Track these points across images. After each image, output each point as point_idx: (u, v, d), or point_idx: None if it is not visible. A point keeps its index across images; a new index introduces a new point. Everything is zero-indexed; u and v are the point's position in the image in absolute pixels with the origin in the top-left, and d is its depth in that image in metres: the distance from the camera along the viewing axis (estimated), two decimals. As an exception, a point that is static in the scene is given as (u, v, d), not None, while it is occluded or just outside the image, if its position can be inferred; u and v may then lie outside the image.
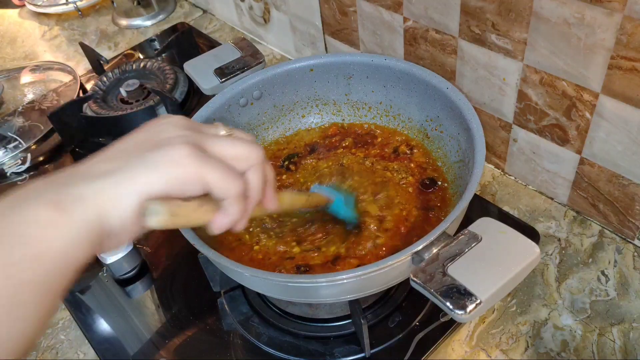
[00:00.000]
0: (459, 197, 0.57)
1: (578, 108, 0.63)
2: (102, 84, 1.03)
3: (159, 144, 0.36)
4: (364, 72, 0.71)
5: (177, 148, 0.35)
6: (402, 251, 0.47)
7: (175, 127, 0.38)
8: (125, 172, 0.34)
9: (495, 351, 0.61)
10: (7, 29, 1.37)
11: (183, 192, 0.35)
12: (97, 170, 0.35)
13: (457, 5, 0.67)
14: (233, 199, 0.37)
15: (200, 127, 0.40)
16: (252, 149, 0.39)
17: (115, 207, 0.33)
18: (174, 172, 0.35)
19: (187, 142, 0.36)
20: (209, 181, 0.35)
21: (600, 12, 0.54)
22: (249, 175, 0.39)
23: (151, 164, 0.35)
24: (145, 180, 0.34)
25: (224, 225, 0.39)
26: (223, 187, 0.36)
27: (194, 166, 0.35)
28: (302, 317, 0.65)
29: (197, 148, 0.36)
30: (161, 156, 0.35)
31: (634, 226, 0.67)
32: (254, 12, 1.10)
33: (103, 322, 0.70)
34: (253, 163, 0.39)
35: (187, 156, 0.35)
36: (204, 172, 0.35)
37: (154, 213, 0.34)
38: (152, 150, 0.35)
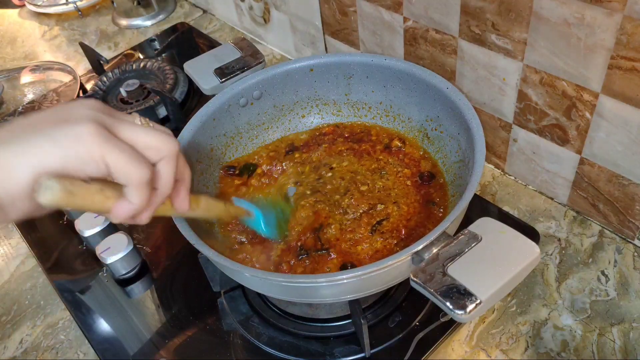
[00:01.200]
0: (459, 197, 0.57)
1: (578, 108, 0.63)
2: (102, 84, 1.03)
3: (64, 120, 0.34)
4: (364, 72, 0.71)
5: (81, 125, 0.33)
6: (402, 251, 0.47)
7: (87, 107, 0.36)
8: (21, 143, 0.33)
9: (495, 351, 0.61)
10: (7, 29, 1.37)
11: (82, 171, 0.33)
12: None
13: (457, 5, 0.67)
14: (135, 186, 0.35)
15: (115, 112, 0.38)
16: (166, 140, 0.38)
17: (5, 178, 0.32)
18: (73, 149, 0.33)
19: (95, 120, 0.34)
20: (109, 163, 0.34)
21: (600, 12, 0.54)
22: (160, 167, 0.38)
23: (51, 138, 0.33)
24: (42, 154, 0.32)
25: (124, 214, 0.37)
26: (125, 171, 0.34)
27: (96, 145, 0.33)
28: (302, 317, 0.65)
29: (104, 128, 0.34)
30: (63, 131, 0.33)
31: (634, 226, 0.67)
32: (254, 12, 1.10)
33: (103, 322, 0.70)
34: (165, 155, 0.38)
35: (90, 134, 0.33)
36: (106, 152, 0.33)
37: (47, 188, 0.32)
38: (56, 125, 0.34)
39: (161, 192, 0.38)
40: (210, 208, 0.52)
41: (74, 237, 0.80)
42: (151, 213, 0.39)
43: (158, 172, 0.38)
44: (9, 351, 0.69)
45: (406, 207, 0.63)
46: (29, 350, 0.69)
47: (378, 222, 0.61)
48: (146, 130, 0.37)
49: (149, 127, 0.38)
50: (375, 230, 0.61)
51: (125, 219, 0.37)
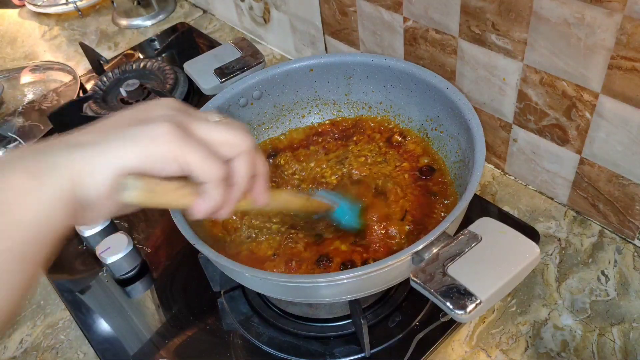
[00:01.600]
0: (459, 197, 0.57)
1: (578, 108, 0.63)
2: (102, 84, 1.03)
3: (143, 120, 0.35)
4: (364, 72, 0.71)
5: (159, 125, 0.35)
6: (402, 251, 0.47)
7: (164, 107, 0.37)
8: (103, 144, 0.34)
9: (495, 351, 0.61)
10: (7, 29, 1.37)
11: (161, 170, 0.35)
12: (77, 140, 0.34)
13: (457, 5, 0.67)
14: (213, 183, 0.36)
15: (192, 111, 0.39)
16: (241, 136, 0.38)
17: (90, 178, 0.33)
18: (152, 149, 0.34)
19: (171, 120, 0.35)
20: (188, 162, 0.35)
21: (600, 12, 0.54)
22: (235, 163, 0.38)
23: (130, 138, 0.34)
24: (123, 154, 0.34)
25: (204, 211, 0.38)
26: (203, 169, 0.35)
27: (174, 144, 0.34)
28: (302, 317, 0.65)
29: (180, 128, 0.35)
30: (142, 132, 0.34)
31: (634, 226, 0.67)
32: (254, 12, 1.10)
33: (103, 322, 0.70)
34: (241, 150, 0.38)
35: (167, 134, 0.34)
36: (183, 151, 0.34)
37: (130, 188, 0.34)
38: (135, 126, 0.35)
39: (238, 187, 0.39)
40: (290, 201, 0.52)
41: (74, 237, 0.80)
42: (231, 208, 0.40)
43: (234, 168, 0.38)
44: (9, 351, 0.69)
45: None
46: (29, 350, 0.69)
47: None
48: (221, 128, 0.38)
49: (224, 124, 0.38)
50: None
51: (206, 215, 0.38)
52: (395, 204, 0.63)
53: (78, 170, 0.33)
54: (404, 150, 0.70)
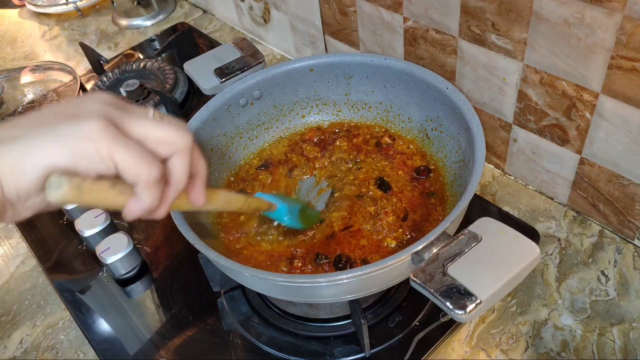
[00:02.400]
0: (459, 197, 0.57)
1: (578, 108, 0.63)
2: (102, 84, 1.03)
3: (73, 115, 0.33)
4: (364, 72, 0.71)
5: (88, 122, 0.32)
6: (402, 251, 0.47)
7: (97, 102, 0.35)
8: (29, 140, 0.32)
9: (495, 351, 0.61)
10: (7, 29, 1.37)
11: (90, 169, 0.33)
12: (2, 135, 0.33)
13: (457, 5, 0.67)
14: (145, 184, 0.34)
15: (127, 106, 0.37)
16: (178, 134, 0.36)
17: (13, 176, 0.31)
18: (81, 147, 0.32)
19: (103, 116, 0.33)
20: (118, 162, 0.33)
21: (600, 12, 0.54)
22: (172, 162, 0.36)
23: (57, 135, 0.32)
24: (49, 151, 0.32)
25: (137, 212, 0.36)
26: (134, 170, 0.33)
27: (104, 143, 0.32)
28: (302, 317, 0.65)
29: (112, 125, 0.33)
30: (70, 128, 0.32)
31: (634, 226, 0.67)
32: (254, 12, 1.10)
33: (103, 322, 0.70)
34: (178, 149, 0.36)
35: (97, 131, 0.32)
36: (114, 151, 0.33)
37: (56, 186, 0.32)
38: (64, 122, 0.33)
39: (174, 187, 0.37)
40: (229, 201, 0.50)
41: (74, 237, 0.80)
42: (166, 208, 0.38)
43: (170, 167, 0.37)
44: (9, 351, 0.69)
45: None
46: (29, 350, 0.69)
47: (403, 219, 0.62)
48: (157, 124, 0.36)
49: (161, 121, 0.36)
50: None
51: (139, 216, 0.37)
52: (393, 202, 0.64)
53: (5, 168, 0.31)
54: (395, 152, 0.71)
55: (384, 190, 0.65)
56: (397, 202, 0.64)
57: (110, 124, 0.33)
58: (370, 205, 0.63)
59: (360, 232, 0.62)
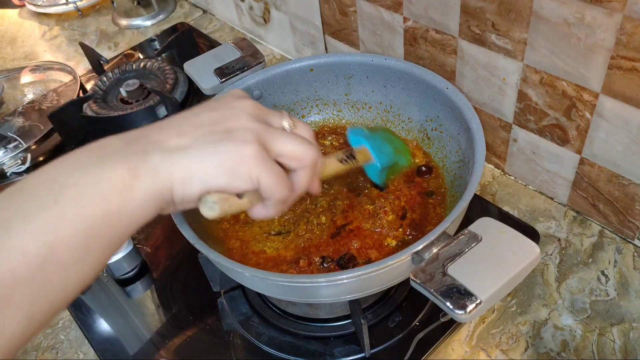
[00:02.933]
0: (459, 197, 0.57)
1: (578, 108, 0.63)
2: (102, 84, 1.03)
3: (230, 131, 0.39)
4: (364, 72, 0.71)
5: (246, 146, 0.38)
6: (402, 251, 0.47)
7: (245, 115, 0.41)
8: (196, 154, 0.37)
9: (495, 351, 0.61)
10: (7, 29, 1.37)
11: (239, 187, 0.39)
12: (170, 144, 0.38)
13: (457, 5, 0.67)
14: (277, 202, 0.41)
15: (267, 116, 0.42)
16: (308, 150, 0.42)
17: (182, 187, 0.37)
18: (238, 170, 0.38)
19: (256, 139, 0.39)
20: (262, 183, 0.39)
21: (600, 12, 0.54)
22: (298, 174, 0.42)
23: (221, 157, 0.37)
24: (213, 171, 0.37)
25: (261, 217, 0.43)
26: (272, 191, 0.39)
27: (255, 168, 0.38)
28: (302, 317, 0.65)
29: (262, 147, 0.39)
30: (231, 150, 0.38)
31: (634, 226, 0.67)
32: (254, 12, 1.10)
33: (103, 322, 0.70)
34: (305, 164, 0.42)
35: (252, 157, 0.38)
36: (261, 175, 0.38)
37: (209, 207, 0.39)
38: (224, 140, 0.38)
39: (295, 194, 0.43)
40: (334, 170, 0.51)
41: (74, 237, 0.80)
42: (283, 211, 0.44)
43: (295, 178, 0.42)
44: (9, 351, 0.69)
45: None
46: (29, 350, 0.69)
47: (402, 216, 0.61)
48: (292, 141, 0.41)
49: (295, 137, 0.42)
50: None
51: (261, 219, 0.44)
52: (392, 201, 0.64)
53: (174, 177, 0.37)
54: None
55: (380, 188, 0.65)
56: (394, 199, 0.64)
57: (262, 148, 0.39)
58: (368, 204, 0.63)
59: (361, 231, 0.62)
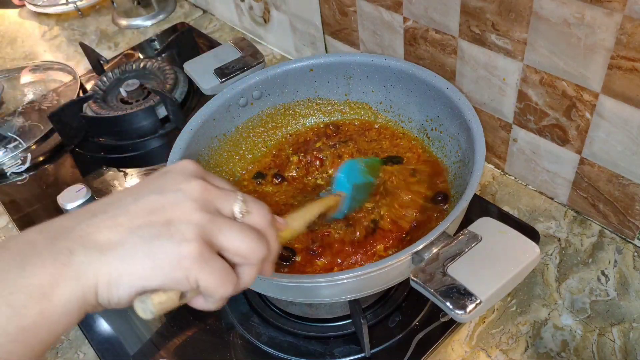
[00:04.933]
0: (459, 197, 0.57)
1: (578, 108, 0.63)
2: (102, 84, 1.03)
3: (169, 224, 0.35)
4: (364, 72, 0.71)
5: (185, 245, 0.34)
6: (402, 251, 0.47)
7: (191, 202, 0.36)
8: (126, 254, 0.34)
9: (495, 351, 0.61)
10: (7, 29, 1.37)
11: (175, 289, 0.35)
12: (99, 239, 0.34)
13: (457, 5, 0.67)
14: (217, 300, 0.37)
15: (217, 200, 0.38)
16: (255, 248, 0.38)
17: (109, 288, 0.34)
18: (174, 274, 0.34)
19: (198, 235, 0.35)
20: (201, 285, 0.35)
21: (600, 12, 0.54)
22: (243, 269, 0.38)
23: (156, 258, 0.34)
24: (145, 274, 0.34)
25: (202, 308, 0.39)
26: (212, 292, 0.36)
27: (193, 270, 0.34)
28: (302, 317, 0.65)
29: (204, 244, 0.35)
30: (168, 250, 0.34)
31: (634, 226, 0.67)
32: (254, 12, 1.10)
33: (103, 322, 0.70)
34: (251, 263, 0.38)
35: (190, 258, 0.34)
36: (200, 277, 0.35)
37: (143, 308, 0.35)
38: (161, 236, 0.34)
39: (240, 287, 0.39)
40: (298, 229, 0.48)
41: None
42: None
43: (240, 273, 0.38)
44: (9, 351, 0.69)
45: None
46: (29, 350, 0.69)
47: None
48: (239, 235, 0.37)
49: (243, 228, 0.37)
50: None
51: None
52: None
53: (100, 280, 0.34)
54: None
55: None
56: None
57: (203, 244, 0.35)
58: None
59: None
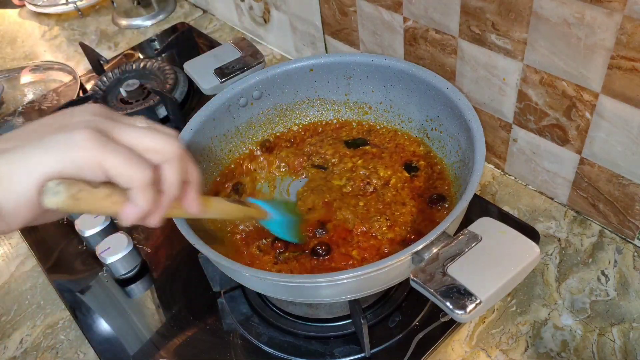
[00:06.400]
0: (459, 197, 0.57)
1: (578, 108, 0.63)
2: (102, 84, 1.03)
3: (63, 127, 0.35)
4: (364, 72, 0.71)
5: (78, 131, 0.34)
6: (402, 251, 0.47)
7: (85, 113, 0.36)
8: (19, 152, 0.33)
9: (495, 351, 0.61)
10: (7, 29, 1.37)
11: (81, 176, 0.34)
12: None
13: (457, 5, 0.67)
14: (138, 188, 0.35)
15: (116, 116, 0.38)
16: (167, 142, 0.37)
17: (8, 184, 0.33)
18: (70, 155, 0.33)
19: (91, 126, 0.34)
20: (108, 167, 0.34)
21: (600, 12, 0.54)
22: (163, 169, 0.37)
23: (49, 144, 0.33)
24: (39, 161, 0.33)
25: (133, 217, 0.37)
26: (124, 174, 0.34)
27: (92, 150, 0.33)
28: (302, 317, 0.65)
29: (101, 133, 0.34)
30: (60, 138, 0.34)
31: (634, 226, 0.67)
32: (254, 12, 1.10)
33: (103, 322, 0.70)
34: (167, 157, 0.37)
35: (86, 139, 0.33)
36: (103, 157, 0.34)
37: (52, 193, 0.33)
38: (54, 133, 0.34)
39: (168, 194, 0.38)
40: (224, 209, 0.51)
41: (74, 237, 0.80)
42: (161, 215, 0.39)
43: (162, 174, 0.37)
44: (9, 351, 0.69)
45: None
46: (29, 350, 0.69)
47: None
48: (146, 133, 0.37)
49: (150, 129, 0.37)
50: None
51: (135, 222, 0.38)
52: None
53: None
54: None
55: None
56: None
57: (99, 133, 0.34)
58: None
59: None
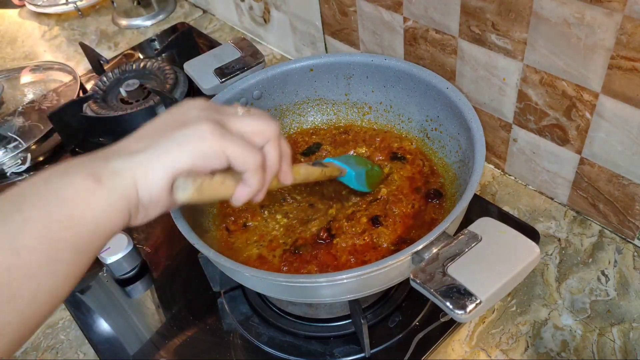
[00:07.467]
0: (459, 197, 0.57)
1: (578, 108, 0.63)
2: (102, 84, 1.03)
3: (184, 123, 0.39)
4: (364, 72, 0.71)
5: (201, 125, 0.39)
6: (402, 251, 0.47)
7: (198, 109, 0.42)
8: (155, 149, 0.38)
9: (495, 351, 0.61)
10: (7, 29, 1.37)
11: (208, 166, 0.39)
12: (130, 148, 0.39)
13: (457, 5, 0.67)
14: (252, 170, 0.41)
15: (220, 107, 0.43)
16: (268, 124, 0.42)
17: (147, 181, 0.37)
18: (198, 147, 0.38)
19: (210, 119, 0.39)
20: (229, 154, 0.39)
21: (600, 12, 0.54)
22: (267, 149, 0.42)
23: (178, 141, 0.38)
24: (173, 157, 0.38)
25: (245, 197, 0.42)
26: (243, 159, 0.40)
27: (216, 141, 0.38)
28: (302, 317, 0.65)
29: (218, 125, 0.39)
30: (187, 134, 0.38)
31: (634, 226, 0.67)
32: (254, 12, 1.10)
33: (103, 322, 0.70)
34: (269, 137, 0.42)
35: (210, 132, 0.38)
36: (225, 146, 0.39)
37: (182, 188, 0.38)
38: (179, 129, 0.39)
39: (270, 171, 0.43)
40: (309, 174, 0.55)
41: (74, 237, 0.80)
42: (265, 191, 0.44)
43: (265, 153, 0.42)
44: (9, 351, 0.69)
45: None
46: (29, 350, 0.69)
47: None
48: (250, 119, 0.42)
49: (251, 115, 0.43)
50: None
51: (246, 200, 0.43)
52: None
53: (137, 175, 0.37)
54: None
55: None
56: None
57: (217, 124, 0.39)
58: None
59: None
